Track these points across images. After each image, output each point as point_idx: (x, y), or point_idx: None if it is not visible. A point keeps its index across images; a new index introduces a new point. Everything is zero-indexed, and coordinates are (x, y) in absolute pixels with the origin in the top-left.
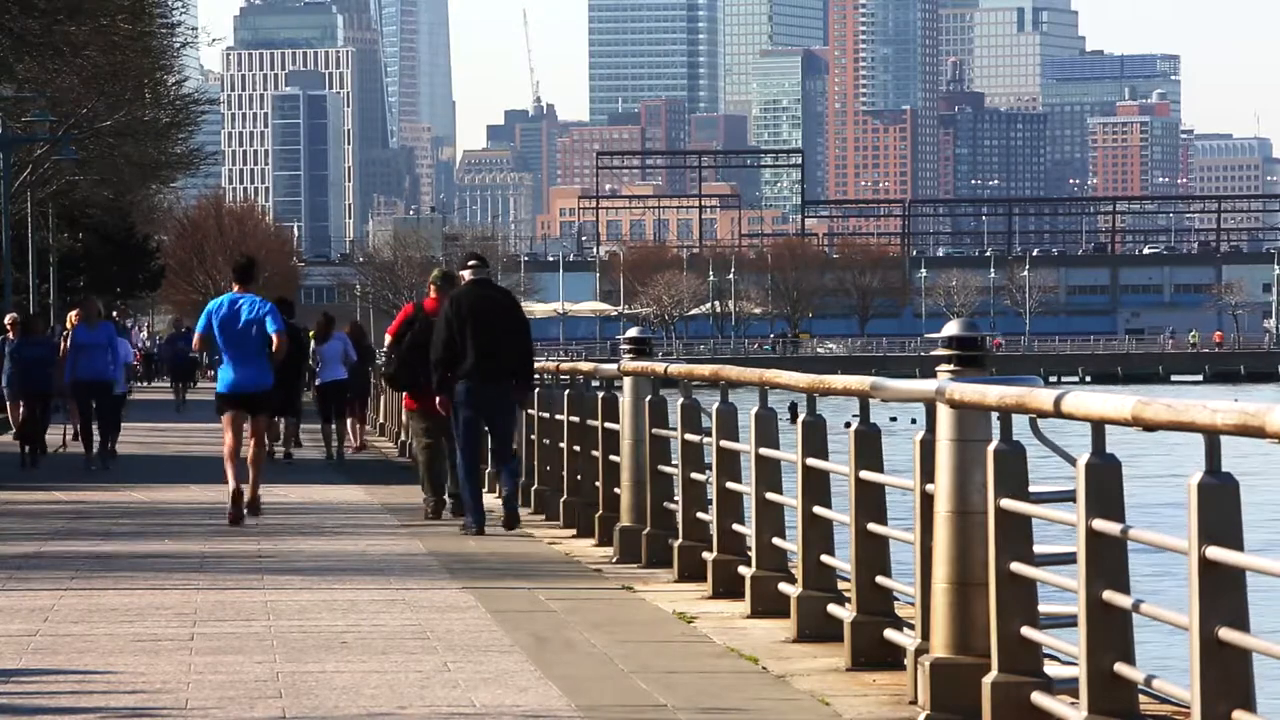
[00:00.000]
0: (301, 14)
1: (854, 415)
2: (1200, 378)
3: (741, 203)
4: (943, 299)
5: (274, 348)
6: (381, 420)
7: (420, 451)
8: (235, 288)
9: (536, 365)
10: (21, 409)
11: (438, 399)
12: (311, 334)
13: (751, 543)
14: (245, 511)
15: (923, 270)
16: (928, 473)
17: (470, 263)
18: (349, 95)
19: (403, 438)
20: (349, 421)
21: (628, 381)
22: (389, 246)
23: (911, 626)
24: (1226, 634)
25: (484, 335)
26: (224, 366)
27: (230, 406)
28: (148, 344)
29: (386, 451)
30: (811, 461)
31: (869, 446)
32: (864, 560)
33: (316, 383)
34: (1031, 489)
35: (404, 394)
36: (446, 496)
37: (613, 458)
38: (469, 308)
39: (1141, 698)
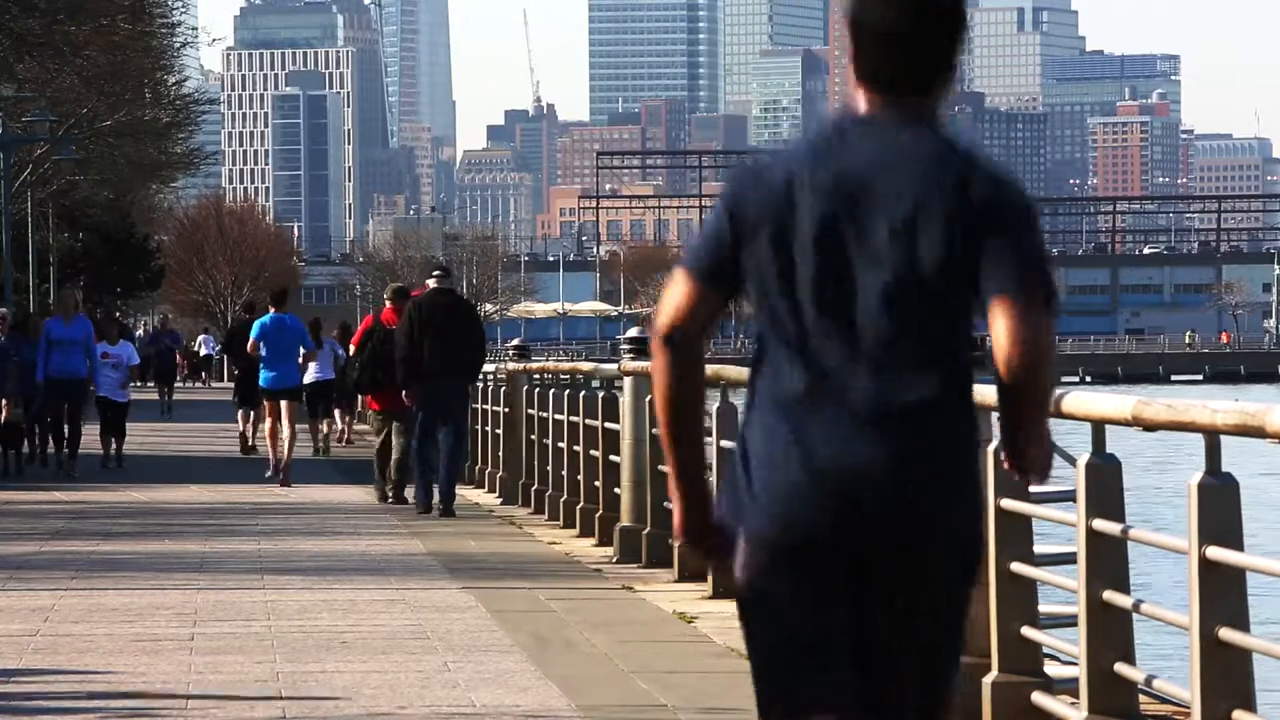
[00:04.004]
0: (301, 14)
1: None
2: (1200, 378)
3: None
4: None
5: (303, 358)
6: None
7: (379, 446)
8: (271, 309)
9: (536, 365)
10: (7, 410)
11: (404, 393)
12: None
13: None
14: (282, 481)
15: None
16: None
17: (435, 272)
18: (349, 95)
19: None
20: (338, 416)
21: (628, 381)
22: (389, 246)
23: None
24: (1226, 634)
25: (440, 337)
26: (266, 367)
27: (270, 397)
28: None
29: None
30: None
31: None
32: None
33: (304, 381)
34: (1031, 489)
35: (367, 396)
36: (390, 488)
37: (613, 458)
38: (428, 312)
39: (1141, 698)
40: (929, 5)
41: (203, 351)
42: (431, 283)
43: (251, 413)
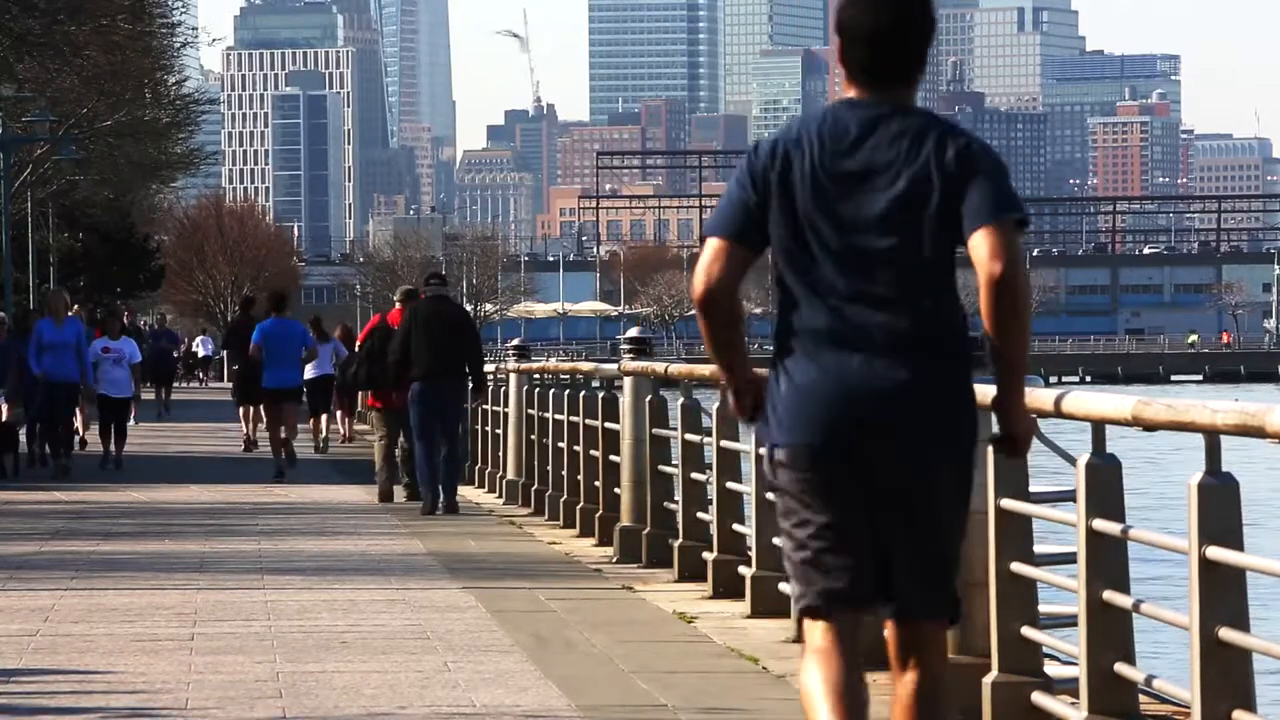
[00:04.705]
0: (301, 14)
1: None
2: (1200, 378)
3: None
4: None
5: (305, 356)
6: None
7: (378, 442)
8: (273, 314)
9: (536, 365)
10: (9, 411)
11: (394, 393)
12: None
13: (751, 543)
14: (284, 467)
15: None
16: None
17: (431, 280)
18: (349, 95)
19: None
20: (339, 415)
21: (628, 381)
22: (389, 246)
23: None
24: (1226, 634)
25: (435, 343)
26: (268, 369)
27: (271, 399)
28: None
29: None
30: None
31: None
32: None
33: (306, 378)
34: (1031, 489)
35: (368, 394)
36: (402, 484)
37: (613, 458)
38: (424, 319)
39: (1141, 698)
40: (904, 11)
41: (200, 352)
42: (428, 290)
43: (252, 409)
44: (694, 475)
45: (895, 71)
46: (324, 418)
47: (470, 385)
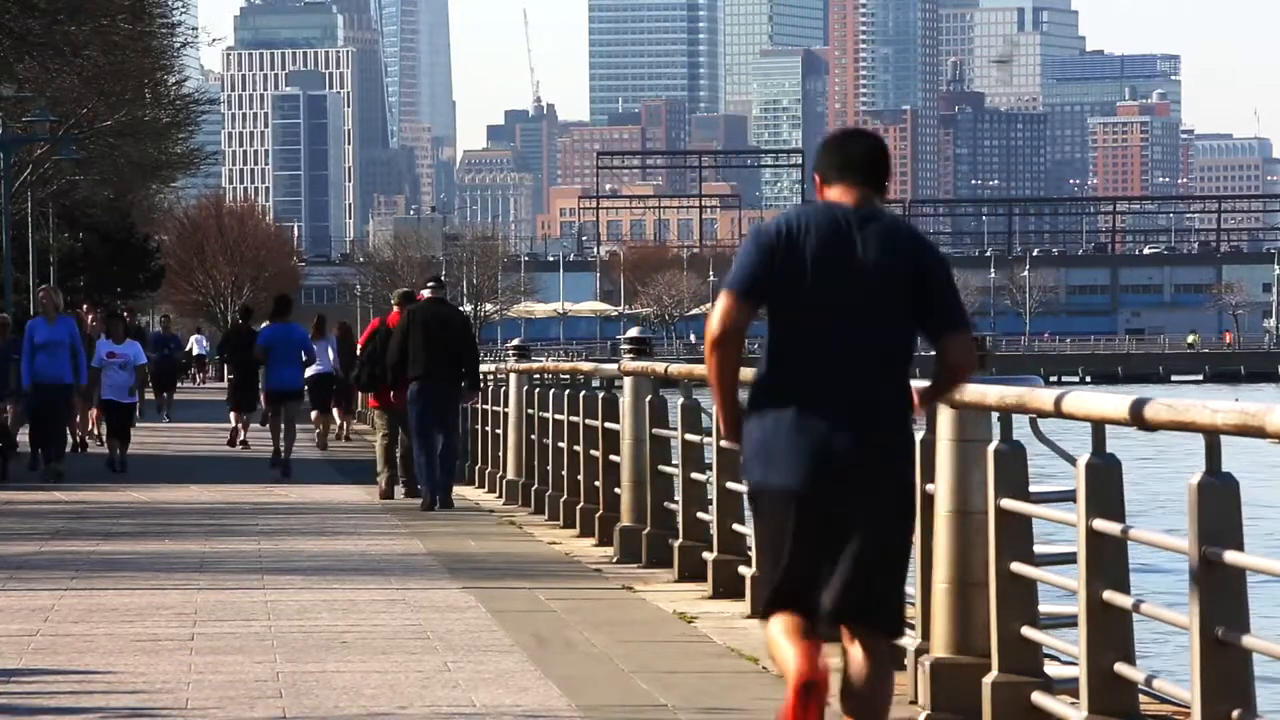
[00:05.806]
0: (301, 14)
1: None
2: (1200, 378)
3: (741, 203)
4: None
5: (305, 361)
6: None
7: (380, 441)
8: (277, 318)
9: (536, 365)
10: (11, 412)
11: (392, 394)
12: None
13: (751, 543)
14: (283, 471)
15: None
16: (928, 473)
17: (430, 283)
18: (349, 95)
19: None
20: (335, 413)
21: (628, 381)
22: (389, 246)
23: (912, 626)
24: (1226, 634)
25: (432, 344)
26: (272, 371)
27: (274, 399)
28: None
29: None
30: None
31: None
32: None
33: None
34: (1031, 489)
35: (369, 394)
36: (400, 483)
37: (613, 458)
38: (422, 321)
39: (1141, 698)
40: (875, 142)
41: (195, 351)
42: (426, 293)
43: (245, 416)
44: (694, 475)
45: (873, 182)
46: (323, 416)
47: (465, 384)
